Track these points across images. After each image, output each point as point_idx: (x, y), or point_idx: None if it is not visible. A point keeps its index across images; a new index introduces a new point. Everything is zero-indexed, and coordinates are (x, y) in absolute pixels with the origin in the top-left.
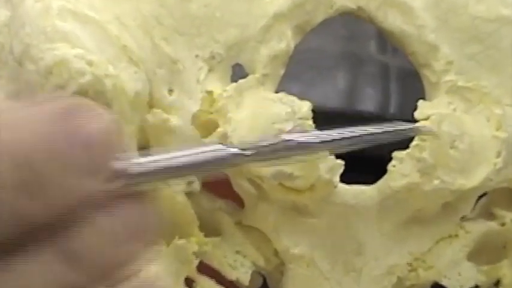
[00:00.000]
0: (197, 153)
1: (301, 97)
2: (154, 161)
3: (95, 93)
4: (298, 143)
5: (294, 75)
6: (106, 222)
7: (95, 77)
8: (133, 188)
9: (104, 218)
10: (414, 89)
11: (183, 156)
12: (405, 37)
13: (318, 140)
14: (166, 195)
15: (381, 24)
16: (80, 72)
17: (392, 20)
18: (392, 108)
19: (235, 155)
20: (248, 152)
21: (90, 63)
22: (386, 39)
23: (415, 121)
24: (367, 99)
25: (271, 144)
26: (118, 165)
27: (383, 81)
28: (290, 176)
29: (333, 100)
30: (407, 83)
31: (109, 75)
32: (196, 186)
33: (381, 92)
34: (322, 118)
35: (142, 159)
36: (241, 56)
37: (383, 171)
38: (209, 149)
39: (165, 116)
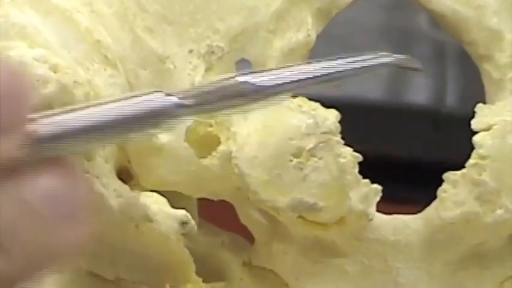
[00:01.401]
0: (127, 106)
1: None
2: (74, 119)
3: (62, 106)
4: (254, 86)
5: (323, 55)
6: (21, 192)
7: (61, 86)
8: (50, 153)
9: (17, 187)
10: (478, 74)
11: (109, 110)
12: (459, 21)
13: (277, 82)
14: (153, 231)
15: (427, 5)
16: (43, 80)
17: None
18: (449, 100)
19: (174, 105)
20: (191, 101)
21: (54, 68)
22: None
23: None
24: (417, 88)
25: (220, 89)
26: (31, 125)
27: (438, 65)
28: (313, 207)
29: (375, 90)
30: (469, 67)
31: (79, 82)
32: (193, 226)
33: (436, 78)
34: (362, 114)
35: (59, 117)
36: (248, 50)
37: (394, 175)
38: (141, 100)
39: None
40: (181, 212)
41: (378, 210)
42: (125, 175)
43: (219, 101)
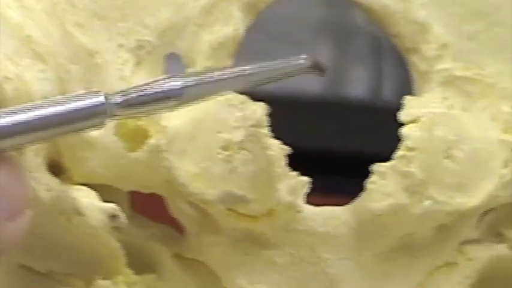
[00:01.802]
0: (61, 105)
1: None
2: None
3: None
4: (182, 89)
5: (262, 52)
6: None
7: None
8: None
9: None
10: None
11: (46, 109)
12: (387, 14)
13: (204, 85)
14: (84, 224)
15: None
16: None
17: None
18: (386, 93)
19: (107, 105)
20: (122, 101)
21: None
22: None
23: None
24: (355, 82)
25: (150, 91)
26: None
27: (375, 58)
28: (242, 200)
29: (313, 84)
30: (405, 62)
31: (9, 77)
32: (123, 220)
33: (373, 72)
34: (300, 108)
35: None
36: (177, 44)
37: (332, 169)
38: (75, 99)
39: None
40: (110, 206)
41: (317, 204)
42: (56, 169)
43: (148, 103)
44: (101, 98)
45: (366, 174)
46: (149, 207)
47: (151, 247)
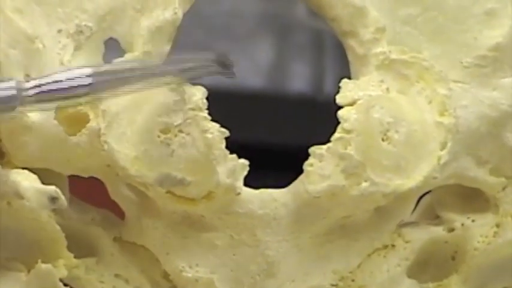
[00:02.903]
0: None
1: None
2: None
3: None
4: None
5: (203, 45)
6: None
7: None
8: None
9: None
10: None
11: None
12: None
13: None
14: (24, 208)
15: None
16: None
17: None
18: (327, 88)
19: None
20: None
21: None
22: None
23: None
24: (296, 76)
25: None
26: None
27: (316, 53)
28: (180, 182)
29: (253, 78)
30: (346, 56)
31: None
32: (63, 202)
33: (314, 67)
34: (240, 101)
35: None
36: (116, 29)
37: (273, 163)
38: None
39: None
40: (51, 188)
41: None
42: None
43: (58, 94)
44: (12, 84)
45: None
46: (89, 192)
47: (92, 231)
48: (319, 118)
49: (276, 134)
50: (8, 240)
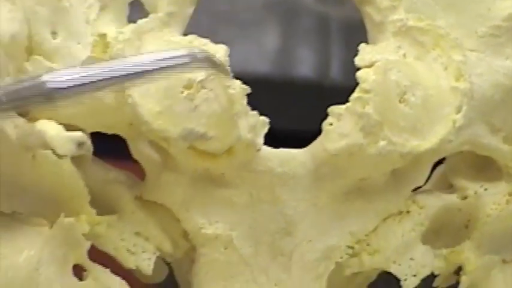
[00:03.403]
0: None
1: None
2: None
3: None
4: (56, 88)
5: (208, 31)
6: None
7: None
8: None
9: None
10: None
11: None
12: None
13: (80, 82)
14: (49, 161)
15: None
16: None
17: None
18: (333, 73)
19: None
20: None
21: None
22: None
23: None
24: (302, 61)
25: (26, 88)
26: None
27: (322, 38)
28: (203, 136)
29: (259, 64)
30: (352, 41)
31: None
32: (89, 146)
33: (320, 52)
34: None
35: None
36: None
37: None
38: None
39: (47, 64)
40: (78, 133)
41: None
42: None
43: (23, 99)
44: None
45: None
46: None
47: (113, 189)
48: (325, 103)
49: (281, 119)
50: (30, 195)
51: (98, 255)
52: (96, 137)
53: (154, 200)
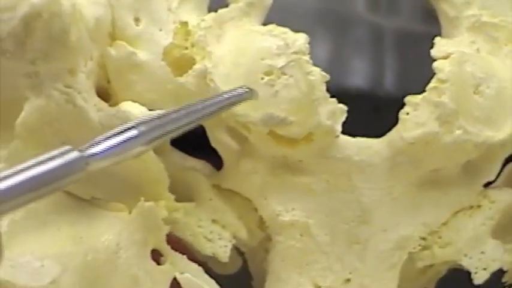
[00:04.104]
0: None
1: None
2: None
3: (50, 16)
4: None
5: None
6: None
7: None
8: None
9: None
10: (416, 58)
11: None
12: None
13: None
14: None
15: None
16: None
17: None
18: (387, 83)
19: (80, 159)
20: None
21: None
22: None
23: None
24: (355, 72)
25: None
26: None
27: (375, 48)
28: (283, 121)
29: None
30: (406, 51)
31: None
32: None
33: (373, 62)
34: None
35: None
36: None
37: None
38: (55, 158)
39: (130, 49)
40: (162, 111)
41: None
42: (103, 96)
43: (116, 154)
44: (75, 154)
45: None
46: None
47: (192, 176)
48: (379, 114)
49: None
50: (109, 180)
51: (171, 242)
52: None
53: (231, 189)
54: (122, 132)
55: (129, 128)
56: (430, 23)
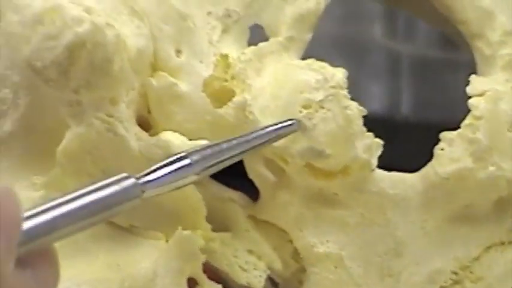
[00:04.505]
0: (101, 192)
1: None
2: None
3: (94, 45)
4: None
5: None
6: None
7: (94, 26)
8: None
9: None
10: (432, 83)
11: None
12: (456, 2)
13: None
14: None
15: None
16: (77, 20)
17: None
18: (404, 109)
19: (137, 186)
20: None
21: (88, 11)
22: (394, 23)
23: (434, 125)
24: (371, 97)
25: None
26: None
27: (392, 74)
28: (321, 154)
29: None
30: (423, 77)
31: (111, 24)
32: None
33: (390, 88)
34: None
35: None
36: (261, 15)
37: None
38: (113, 184)
39: (171, 80)
40: (204, 141)
41: None
42: (143, 126)
43: (171, 182)
44: (132, 181)
45: None
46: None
47: (228, 207)
48: (396, 139)
49: None
50: (148, 210)
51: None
52: None
53: (267, 220)
54: (175, 161)
55: (182, 157)
56: (446, 49)
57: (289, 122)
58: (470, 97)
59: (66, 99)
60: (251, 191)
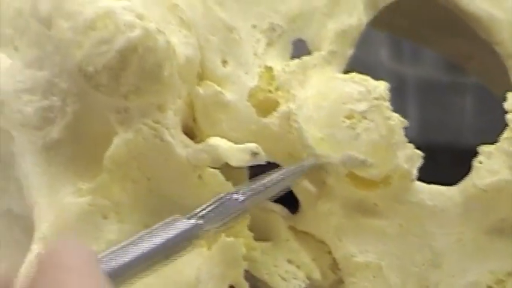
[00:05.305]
0: (162, 235)
1: None
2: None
3: (145, 50)
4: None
5: None
6: None
7: (146, 31)
8: None
9: None
10: (438, 107)
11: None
12: (493, 22)
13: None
14: (215, 179)
15: (466, 7)
16: (129, 25)
17: (479, 2)
18: (410, 132)
19: (194, 227)
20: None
21: (140, 17)
22: (400, 47)
23: (440, 148)
24: None
25: (221, 209)
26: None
27: (397, 97)
28: (363, 163)
29: None
30: (429, 99)
31: (162, 31)
32: (263, 156)
33: (396, 110)
34: None
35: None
36: (304, 30)
37: None
38: (171, 226)
39: (218, 88)
40: (252, 144)
41: None
42: (188, 135)
43: (221, 219)
44: (192, 222)
45: None
46: None
47: (270, 217)
48: None
49: None
50: None
51: None
52: None
53: (306, 231)
54: (226, 197)
55: (233, 193)
56: (453, 72)
57: (311, 161)
58: (506, 112)
59: (115, 105)
60: (288, 205)
